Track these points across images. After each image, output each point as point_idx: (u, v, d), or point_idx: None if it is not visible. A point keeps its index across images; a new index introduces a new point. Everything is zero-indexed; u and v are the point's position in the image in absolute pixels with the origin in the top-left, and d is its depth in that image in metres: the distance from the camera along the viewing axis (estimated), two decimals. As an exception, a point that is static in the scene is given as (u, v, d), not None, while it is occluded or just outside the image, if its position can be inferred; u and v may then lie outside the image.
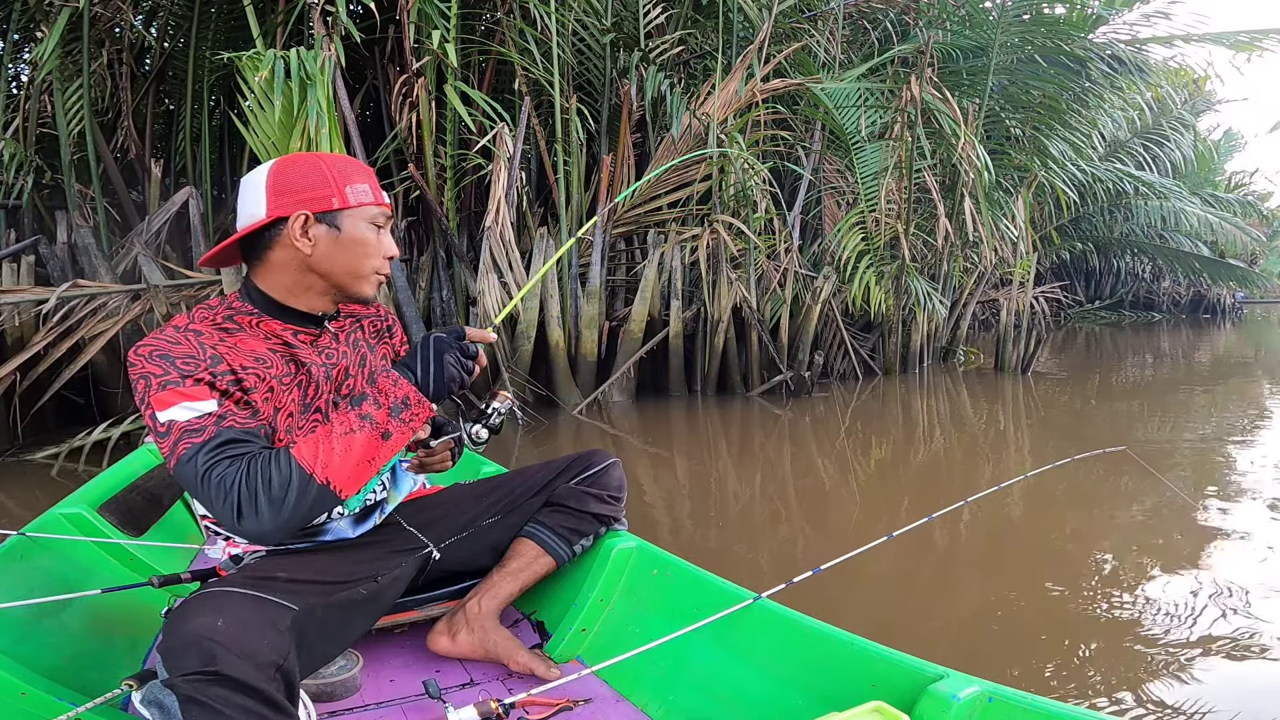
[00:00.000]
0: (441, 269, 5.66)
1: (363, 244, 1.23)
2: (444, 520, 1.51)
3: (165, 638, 0.97)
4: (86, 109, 5.17)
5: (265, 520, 1.03)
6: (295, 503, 1.03)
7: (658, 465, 4.17)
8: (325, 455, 1.05)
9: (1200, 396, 6.55)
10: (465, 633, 1.46)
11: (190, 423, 1.06)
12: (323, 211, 1.20)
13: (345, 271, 1.23)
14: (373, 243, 1.24)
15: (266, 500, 1.02)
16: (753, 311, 5.97)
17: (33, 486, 3.62)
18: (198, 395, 1.07)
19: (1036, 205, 9.66)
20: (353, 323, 1.41)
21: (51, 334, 4.22)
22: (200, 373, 1.09)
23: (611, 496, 1.58)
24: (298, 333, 1.27)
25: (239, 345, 1.19)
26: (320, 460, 1.05)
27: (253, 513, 1.02)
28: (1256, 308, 23.03)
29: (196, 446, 1.04)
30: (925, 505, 1.70)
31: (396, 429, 1.10)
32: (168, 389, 1.07)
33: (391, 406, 1.10)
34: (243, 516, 1.02)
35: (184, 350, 1.10)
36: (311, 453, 1.05)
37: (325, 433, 1.08)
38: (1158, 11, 7.38)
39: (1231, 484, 3.58)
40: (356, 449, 1.07)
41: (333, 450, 1.06)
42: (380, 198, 1.26)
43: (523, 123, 5.39)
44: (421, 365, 1.14)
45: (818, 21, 6.88)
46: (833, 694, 1.14)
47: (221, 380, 1.11)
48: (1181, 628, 2.10)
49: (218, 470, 1.03)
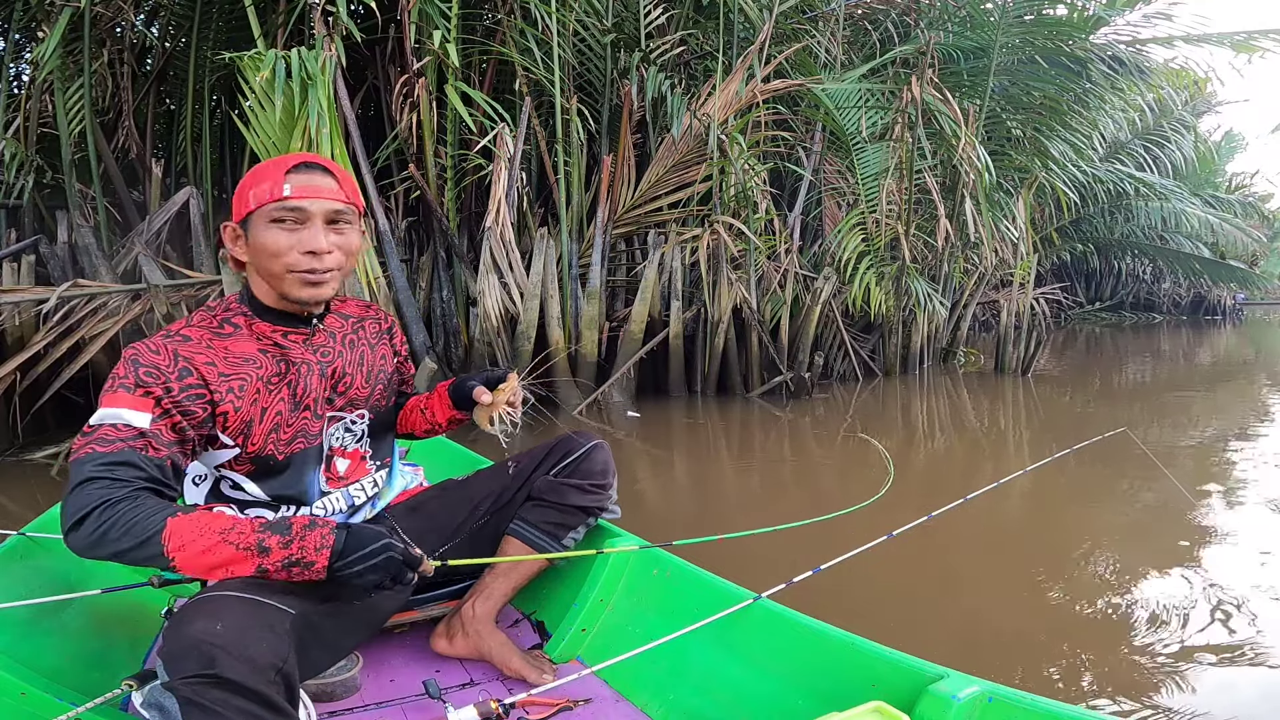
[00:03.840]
0: (442, 269, 5.66)
1: (264, 246, 1.19)
2: (436, 527, 1.51)
3: (166, 641, 0.98)
4: (87, 109, 5.17)
5: (91, 547, 1.02)
6: (126, 549, 1.01)
7: (657, 465, 4.17)
8: (190, 542, 1.01)
9: (1201, 398, 6.54)
10: (461, 637, 1.46)
11: (110, 431, 1.07)
12: (241, 219, 1.21)
13: (266, 275, 1.23)
14: (274, 242, 1.19)
15: (108, 533, 1.01)
16: (753, 312, 5.97)
17: (33, 486, 3.62)
18: (139, 406, 1.10)
19: (1037, 206, 9.65)
20: (354, 323, 1.41)
21: (51, 334, 4.22)
22: (155, 387, 1.11)
23: (594, 485, 1.53)
24: (287, 333, 1.28)
25: (230, 348, 1.23)
26: (184, 542, 1.01)
27: (88, 534, 1.01)
28: (1257, 309, 23.03)
29: (95, 454, 1.05)
30: (925, 505, 1.70)
31: (274, 570, 1.03)
32: (118, 391, 1.10)
33: (295, 559, 1.03)
34: (75, 531, 1.02)
35: (156, 360, 1.13)
36: (184, 531, 1.01)
37: (215, 525, 1.03)
38: (1158, 13, 7.36)
39: (1232, 484, 3.58)
40: (224, 557, 1.02)
41: (201, 543, 1.02)
42: (278, 192, 1.17)
43: (523, 123, 5.39)
44: (355, 556, 1.04)
45: (818, 22, 6.88)
46: (833, 694, 1.14)
47: (171, 398, 1.12)
48: (1181, 628, 2.10)
49: (92, 487, 1.02)
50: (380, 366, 1.43)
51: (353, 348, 1.38)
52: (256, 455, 1.24)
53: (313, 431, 1.30)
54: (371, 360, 1.41)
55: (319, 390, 1.30)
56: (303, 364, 1.28)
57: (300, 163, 1.21)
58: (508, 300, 5.29)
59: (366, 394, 1.39)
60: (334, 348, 1.34)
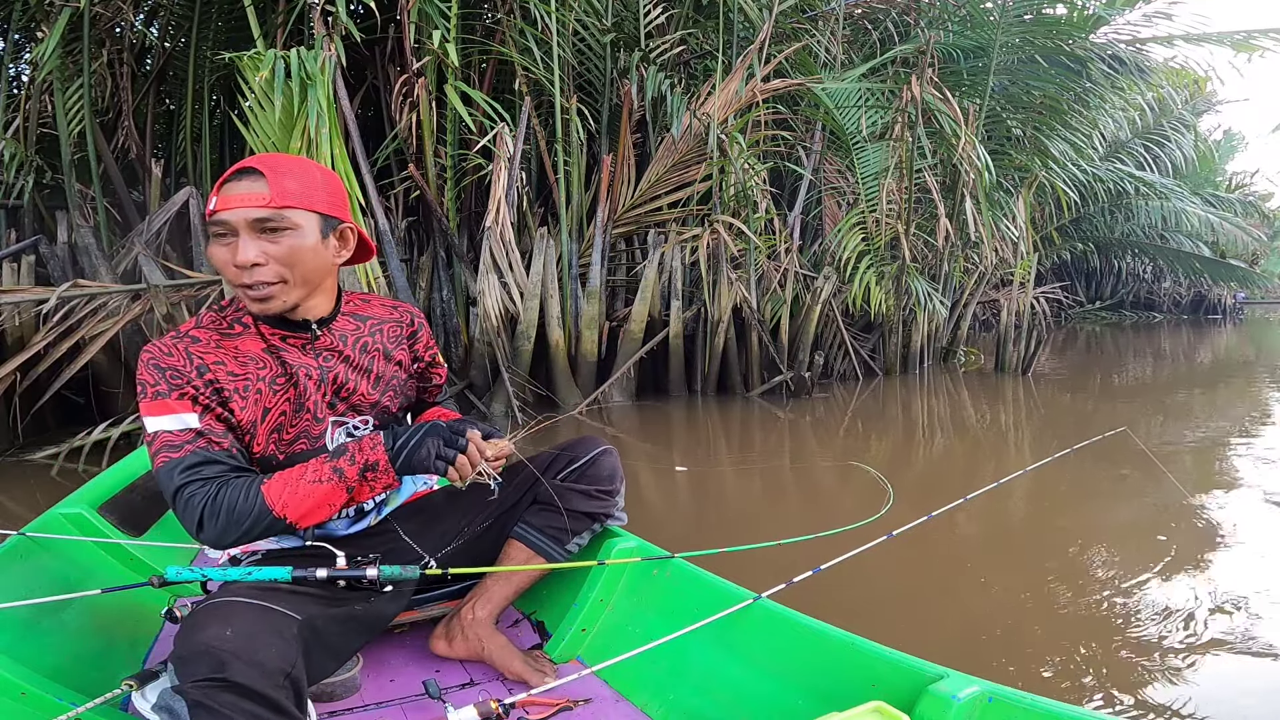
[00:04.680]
0: (441, 269, 5.66)
1: (215, 262, 1.19)
2: (439, 528, 1.50)
3: (176, 646, 1.00)
4: (87, 109, 5.17)
5: (222, 537, 1.14)
6: (249, 528, 1.14)
7: (658, 465, 4.17)
8: (289, 496, 1.15)
9: (1201, 397, 6.54)
10: (461, 639, 1.46)
11: (171, 436, 1.14)
12: None
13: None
14: (216, 257, 1.17)
15: (226, 522, 1.13)
16: (753, 312, 5.97)
17: (33, 486, 3.62)
18: (181, 409, 1.16)
19: (1037, 205, 9.65)
20: (373, 324, 1.39)
21: (51, 334, 4.21)
22: (185, 387, 1.16)
23: (601, 491, 1.51)
24: (286, 338, 1.28)
25: (239, 348, 1.24)
26: (284, 500, 1.15)
27: (213, 528, 1.13)
28: (1257, 308, 23.02)
29: (173, 463, 1.14)
30: (925, 505, 1.70)
31: (360, 486, 1.18)
32: (157, 399, 1.15)
33: (363, 465, 1.17)
34: (203, 530, 1.14)
35: (173, 362, 1.17)
36: (278, 492, 1.15)
37: (296, 474, 1.16)
38: (1158, 12, 7.36)
39: (1232, 484, 3.58)
40: (319, 495, 1.16)
41: (297, 493, 1.15)
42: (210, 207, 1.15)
43: (523, 123, 5.39)
44: (403, 440, 1.18)
45: (818, 22, 6.88)
46: (833, 694, 1.15)
47: (204, 395, 1.17)
48: (1181, 628, 2.10)
49: (188, 490, 1.13)
50: (393, 372, 1.40)
51: (364, 351, 1.36)
52: (261, 455, 1.25)
53: (314, 434, 1.30)
54: (384, 365, 1.38)
55: (316, 395, 1.29)
56: (300, 369, 1.27)
57: (238, 169, 1.18)
58: (508, 300, 5.29)
59: (372, 400, 1.36)
60: (338, 352, 1.32)
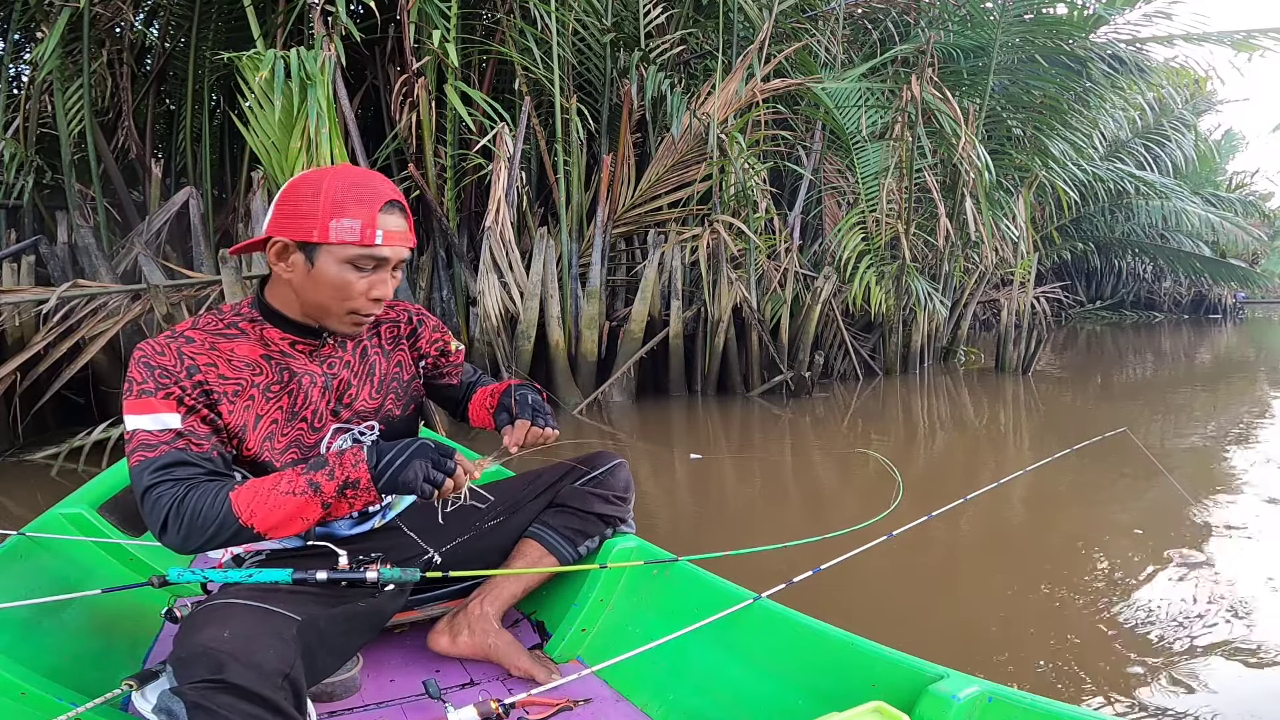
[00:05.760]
0: (441, 269, 5.66)
1: (333, 284, 1.18)
2: (446, 523, 1.51)
3: (175, 647, 1.00)
4: (87, 109, 5.17)
5: (185, 541, 1.10)
6: (213, 534, 1.10)
7: (658, 465, 4.17)
8: (258, 505, 1.10)
9: (1201, 397, 6.54)
10: (466, 634, 1.45)
11: (148, 436, 1.13)
12: (302, 241, 1.17)
13: (315, 306, 1.22)
14: (346, 284, 1.18)
15: (190, 526, 1.09)
16: (753, 311, 5.96)
17: (33, 486, 3.62)
18: (164, 409, 1.14)
19: (1037, 205, 9.65)
20: (369, 329, 1.39)
21: (51, 334, 4.21)
22: (172, 387, 1.15)
23: (617, 497, 1.58)
24: (295, 343, 1.27)
25: (235, 351, 1.23)
26: (251, 508, 1.10)
27: (175, 531, 1.10)
28: (1258, 308, 23.02)
29: (147, 462, 1.12)
30: (925, 504, 1.70)
31: (337, 503, 1.13)
32: (141, 398, 1.14)
33: (343, 481, 1.12)
34: (165, 533, 1.11)
35: (164, 362, 1.16)
36: (247, 500, 1.10)
37: (270, 484, 1.12)
38: (1158, 11, 7.37)
39: (1232, 484, 3.58)
40: (291, 507, 1.11)
41: (267, 503, 1.11)
42: (369, 237, 1.15)
43: (523, 123, 5.39)
44: (389, 458, 1.13)
45: (818, 21, 6.88)
46: (833, 694, 1.14)
47: (190, 396, 1.16)
48: (1181, 628, 2.10)
49: (157, 490, 1.10)
50: (394, 375, 1.40)
51: (363, 357, 1.36)
52: (253, 459, 1.24)
53: (307, 443, 1.29)
54: (384, 369, 1.38)
55: (320, 403, 1.29)
56: (305, 375, 1.27)
57: (389, 201, 1.18)
58: (508, 300, 5.29)
59: (376, 405, 1.36)
60: (341, 359, 1.32)
